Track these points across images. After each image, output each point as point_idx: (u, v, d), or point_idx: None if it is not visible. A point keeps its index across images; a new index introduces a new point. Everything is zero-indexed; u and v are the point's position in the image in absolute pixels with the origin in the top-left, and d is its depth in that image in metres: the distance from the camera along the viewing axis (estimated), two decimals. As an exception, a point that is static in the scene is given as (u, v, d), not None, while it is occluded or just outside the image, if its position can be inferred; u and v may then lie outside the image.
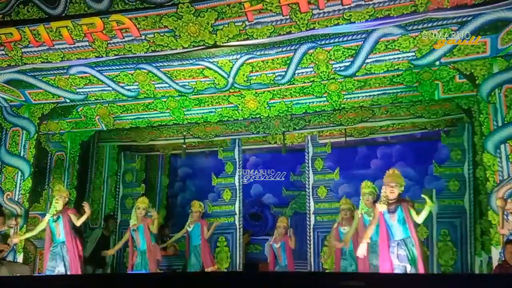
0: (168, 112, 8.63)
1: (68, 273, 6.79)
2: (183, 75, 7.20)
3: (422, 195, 5.76)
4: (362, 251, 5.93)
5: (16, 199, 7.89)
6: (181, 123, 8.91)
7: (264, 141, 10.75)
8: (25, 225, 7.75)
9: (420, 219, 5.81)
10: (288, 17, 5.75)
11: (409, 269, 5.66)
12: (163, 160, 12.05)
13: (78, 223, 7.10)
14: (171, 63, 6.95)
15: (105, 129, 9.14)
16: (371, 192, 6.88)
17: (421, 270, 5.68)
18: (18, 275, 7.06)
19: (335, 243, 7.51)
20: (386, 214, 5.79)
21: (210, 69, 7.01)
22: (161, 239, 9.05)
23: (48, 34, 6.30)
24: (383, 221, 5.84)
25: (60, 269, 6.86)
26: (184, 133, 9.94)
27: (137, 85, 7.48)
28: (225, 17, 5.83)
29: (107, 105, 8.64)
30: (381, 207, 5.82)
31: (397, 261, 5.72)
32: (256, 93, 8.11)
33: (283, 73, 7.05)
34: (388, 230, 5.82)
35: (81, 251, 7.18)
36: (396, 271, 5.67)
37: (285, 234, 8.31)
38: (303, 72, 7.06)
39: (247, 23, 5.88)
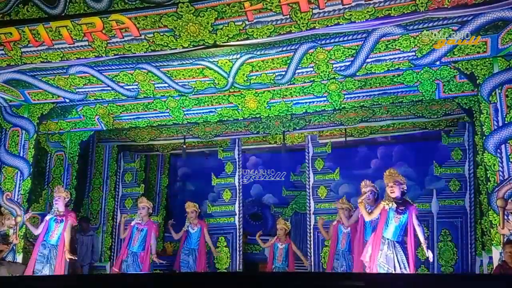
0: (168, 112, 8.61)
1: None
2: (183, 74, 7.19)
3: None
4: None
5: (15, 199, 7.88)
6: (181, 123, 8.90)
7: (264, 141, 10.74)
8: (24, 225, 7.73)
9: (417, 229, 5.85)
10: (288, 16, 5.74)
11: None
12: (163, 160, 12.05)
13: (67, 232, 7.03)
14: (171, 63, 6.94)
15: (104, 129, 9.13)
16: (370, 190, 6.89)
17: None
18: (17, 275, 7.04)
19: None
20: (392, 212, 5.77)
21: (210, 68, 7.00)
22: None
23: (47, 33, 6.29)
24: (384, 217, 5.82)
25: (45, 273, 6.80)
26: (184, 133, 9.93)
27: (136, 85, 7.48)
28: (225, 16, 5.82)
29: (106, 105, 8.62)
30: (388, 205, 5.80)
31: (383, 260, 5.69)
32: (256, 93, 8.10)
33: (283, 73, 7.04)
34: (384, 225, 5.79)
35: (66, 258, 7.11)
36: (379, 270, 5.64)
37: (287, 235, 8.32)
38: (303, 72, 7.05)
39: (247, 22, 5.86)
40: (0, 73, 7.22)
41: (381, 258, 5.69)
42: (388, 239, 5.75)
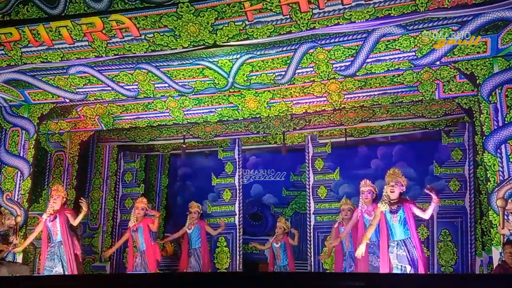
0: (168, 112, 8.62)
1: (66, 273, 6.80)
2: (183, 74, 7.19)
3: (427, 191, 5.78)
4: (361, 251, 5.93)
5: (15, 199, 7.88)
6: (181, 123, 8.90)
7: (264, 141, 10.74)
8: (24, 225, 7.73)
9: (427, 215, 5.88)
10: (288, 16, 5.74)
11: (409, 270, 5.65)
12: (163, 160, 12.05)
13: (75, 222, 7.09)
14: (171, 63, 6.94)
15: (104, 129, 9.14)
16: (369, 190, 6.88)
17: (421, 271, 5.67)
18: (18, 275, 7.04)
19: (331, 241, 7.54)
20: (388, 214, 5.79)
21: (210, 68, 7.00)
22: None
23: (47, 33, 6.29)
24: (384, 221, 5.84)
25: (58, 269, 6.85)
26: (184, 133, 9.93)
27: (136, 85, 7.47)
28: (225, 16, 5.82)
29: (106, 105, 8.63)
30: (383, 207, 5.81)
31: (396, 261, 5.71)
32: (256, 93, 8.10)
33: (283, 73, 7.04)
34: (389, 230, 5.82)
35: (78, 249, 7.18)
36: (395, 271, 5.66)
37: (285, 234, 8.32)
38: (303, 72, 7.05)
39: (247, 22, 5.86)
40: (0, 73, 7.22)
41: (394, 259, 5.73)
42: (397, 240, 5.77)
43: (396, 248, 5.75)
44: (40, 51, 6.55)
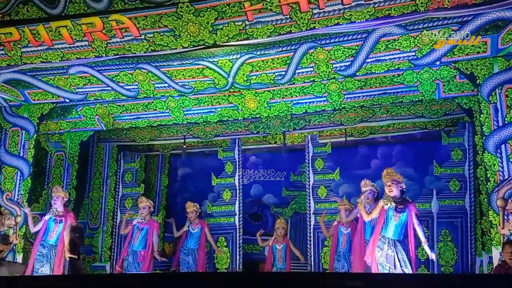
0: (168, 112, 8.62)
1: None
2: (183, 74, 7.19)
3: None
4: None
5: (15, 199, 7.88)
6: (181, 123, 8.90)
7: (264, 141, 10.74)
8: (24, 225, 7.73)
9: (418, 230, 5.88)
10: (288, 16, 5.74)
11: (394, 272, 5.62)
12: (163, 160, 12.04)
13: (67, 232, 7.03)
14: (171, 63, 6.94)
15: (104, 129, 9.13)
16: (370, 190, 6.88)
17: None
18: (17, 275, 7.04)
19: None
20: (391, 211, 5.77)
21: (210, 68, 7.00)
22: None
23: (47, 33, 6.29)
24: (382, 217, 5.82)
25: (45, 271, 6.79)
26: (184, 133, 9.93)
27: (136, 85, 7.48)
28: (225, 16, 5.82)
29: (106, 105, 8.63)
30: (386, 204, 5.79)
31: (385, 259, 5.68)
32: (256, 93, 8.10)
33: (283, 73, 7.05)
34: (383, 225, 5.79)
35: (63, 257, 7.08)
36: (380, 269, 5.64)
37: (285, 235, 8.30)
38: (303, 72, 7.06)
39: (247, 22, 5.87)
40: (0, 73, 7.23)
41: (382, 257, 5.69)
42: (388, 238, 5.75)
43: (387, 246, 5.72)
44: (40, 51, 6.56)
